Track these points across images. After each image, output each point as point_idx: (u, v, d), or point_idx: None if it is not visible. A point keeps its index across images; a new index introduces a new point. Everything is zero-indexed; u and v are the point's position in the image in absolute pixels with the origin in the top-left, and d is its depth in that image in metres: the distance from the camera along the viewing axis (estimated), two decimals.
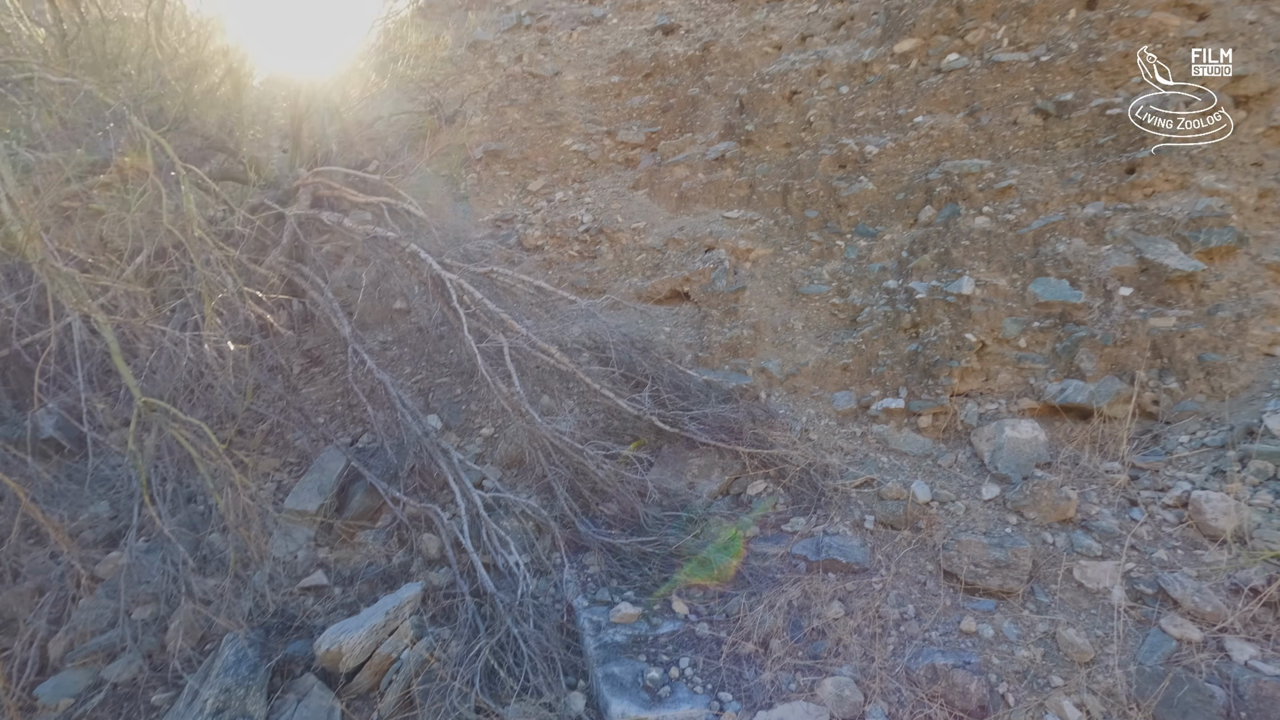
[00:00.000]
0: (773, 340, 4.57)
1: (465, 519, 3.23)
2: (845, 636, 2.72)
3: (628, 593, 3.10)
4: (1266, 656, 2.33)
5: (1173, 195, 3.98)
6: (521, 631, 2.62)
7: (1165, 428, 3.46)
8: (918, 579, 2.96)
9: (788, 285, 4.89)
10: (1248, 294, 3.59)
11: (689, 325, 4.81)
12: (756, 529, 3.40)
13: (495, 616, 2.75)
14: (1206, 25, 4.56)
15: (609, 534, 3.28)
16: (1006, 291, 3.99)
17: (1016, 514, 3.16)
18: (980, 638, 2.64)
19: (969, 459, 3.64)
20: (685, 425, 3.51)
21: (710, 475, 3.69)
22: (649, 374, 3.69)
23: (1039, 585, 2.82)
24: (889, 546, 3.13)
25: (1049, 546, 2.97)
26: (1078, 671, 2.44)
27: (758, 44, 6.71)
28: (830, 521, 3.28)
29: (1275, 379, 3.37)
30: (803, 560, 3.12)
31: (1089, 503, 3.16)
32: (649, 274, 5.27)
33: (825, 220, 5.02)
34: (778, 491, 3.55)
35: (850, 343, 4.37)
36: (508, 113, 7.17)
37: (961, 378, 3.90)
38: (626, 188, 6.28)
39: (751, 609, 2.91)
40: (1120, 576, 2.74)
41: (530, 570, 3.19)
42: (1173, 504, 3.01)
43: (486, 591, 2.91)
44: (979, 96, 4.75)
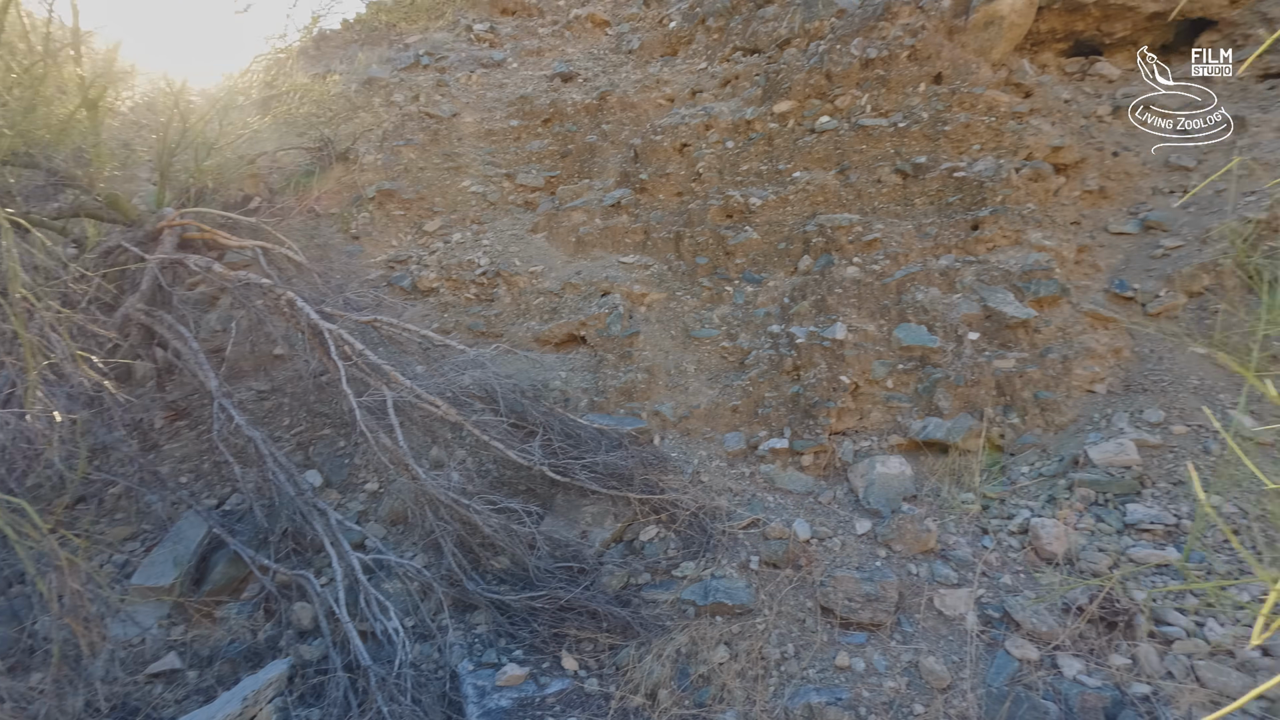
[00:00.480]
0: (667, 383, 4.69)
1: (341, 585, 3.05)
2: (729, 681, 2.77)
3: (516, 651, 3.03)
4: (1090, 670, 2.60)
5: (1009, 250, 4.49)
6: (394, 710, 2.49)
7: (1010, 459, 3.84)
8: (798, 616, 3.08)
9: (681, 329, 5.05)
10: (1071, 338, 4.08)
11: (585, 370, 4.85)
12: (648, 575, 3.43)
13: (370, 692, 2.60)
14: (1031, 102, 5.25)
15: (498, 590, 3.20)
16: (875, 336, 4.33)
17: (885, 547, 3.38)
18: (853, 672, 2.78)
19: (846, 494, 3.87)
20: (577, 474, 3.51)
21: (603, 523, 3.70)
22: (540, 423, 3.68)
23: (905, 615, 3.02)
24: (772, 586, 3.24)
25: (913, 577, 3.19)
26: (936, 698, 2.61)
27: (652, 96, 7.02)
28: (718, 564, 3.37)
29: (1096, 413, 3.84)
30: (691, 605, 3.17)
31: (948, 533, 3.43)
32: (546, 318, 5.28)
33: (715, 267, 5.26)
34: (669, 536, 3.61)
35: (739, 385, 4.55)
36: (403, 152, 7.05)
37: (838, 417, 4.16)
38: (525, 230, 6.31)
39: (640, 659, 2.91)
40: (973, 602, 2.98)
41: (412, 636, 3.05)
42: (1016, 531, 3.33)
43: (361, 664, 2.75)
44: (848, 156, 5.19)
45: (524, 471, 3.77)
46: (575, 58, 8.53)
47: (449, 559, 3.33)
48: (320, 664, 2.91)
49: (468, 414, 3.58)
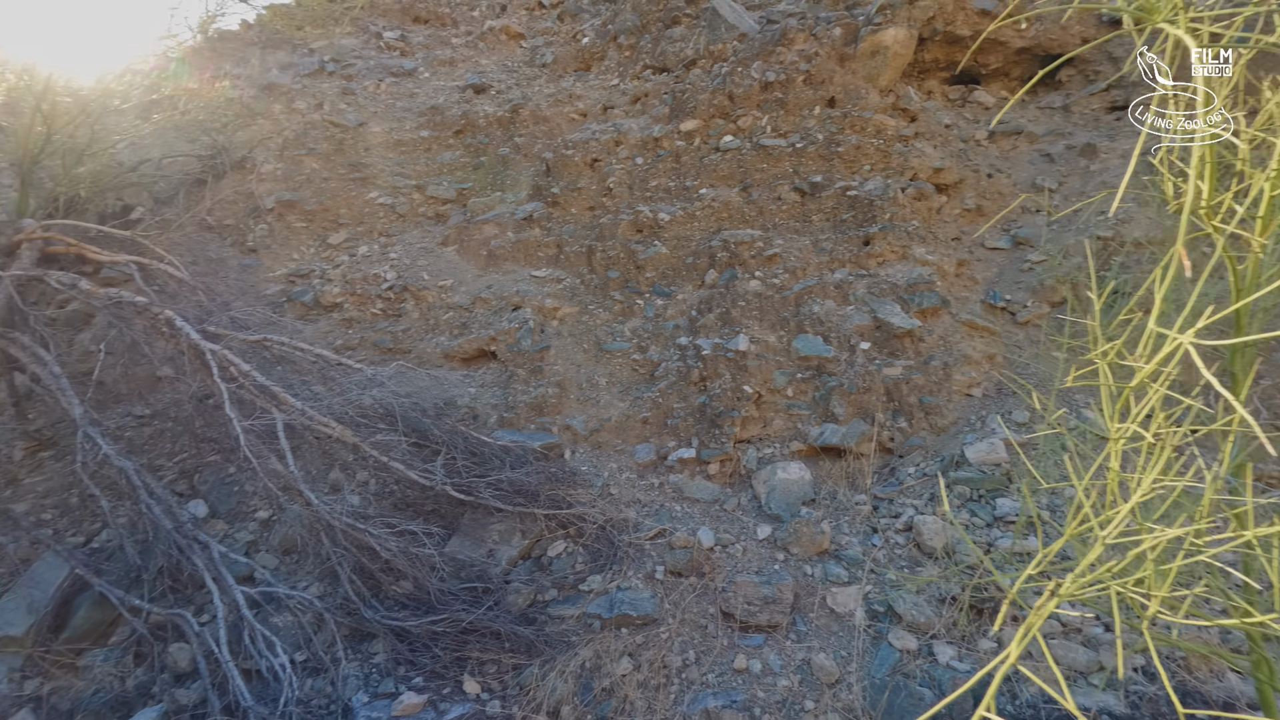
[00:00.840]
0: (578, 397, 4.71)
1: (224, 622, 2.87)
2: (631, 692, 2.81)
3: (416, 679, 2.95)
4: (961, 655, 2.81)
5: (897, 264, 4.81)
6: None
7: (899, 461, 4.09)
8: (700, 623, 3.16)
9: (593, 343, 5.09)
10: (951, 346, 4.41)
11: (495, 385, 4.80)
12: (555, 591, 3.42)
13: None
14: (916, 126, 5.65)
15: (397, 617, 3.11)
16: (775, 347, 4.51)
17: (784, 550, 3.52)
18: (750, 674, 2.87)
19: (750, 501, 4.00)
20: (481, 492, 3.47)
21: (510, 541, 3.66)
22: (443, 441, 3.61)
23: (800, 615, 3.16)
24: (676, 594, 3.31)
25: (808, 578, 3.34)
26: (825, 693, 2.74)
27: (565, 110, 7.06)
28: (625, 576, 3.40)
29: (973, 415, 4.15)
30: (597, 619, 3.19)
31: (841, 534, 3.61)
32: (456, 333, 5.19)
33: (626, 280, 5.33)
34: (577, 551, 3.62)
35: (649, 397, 4.63)
36: (305, 161, 6.76)
37: (743, 426, 4.31)
38: (435, 243, 6.19)
39: (544, 678, 2.90)
40: (861, 599, 3.15)
41: (303, 671, 2.91)
42: (902, 528, 3.55)
43: (242, 706, 2.60)
44: (750, 174, 5.41)
45: (428, 492, 3.68)
46: (489, 69, 8.46)
47: (346, 587, 3.20)
48: (198, 708, 2.73)
49: (365, 435, 3.47)
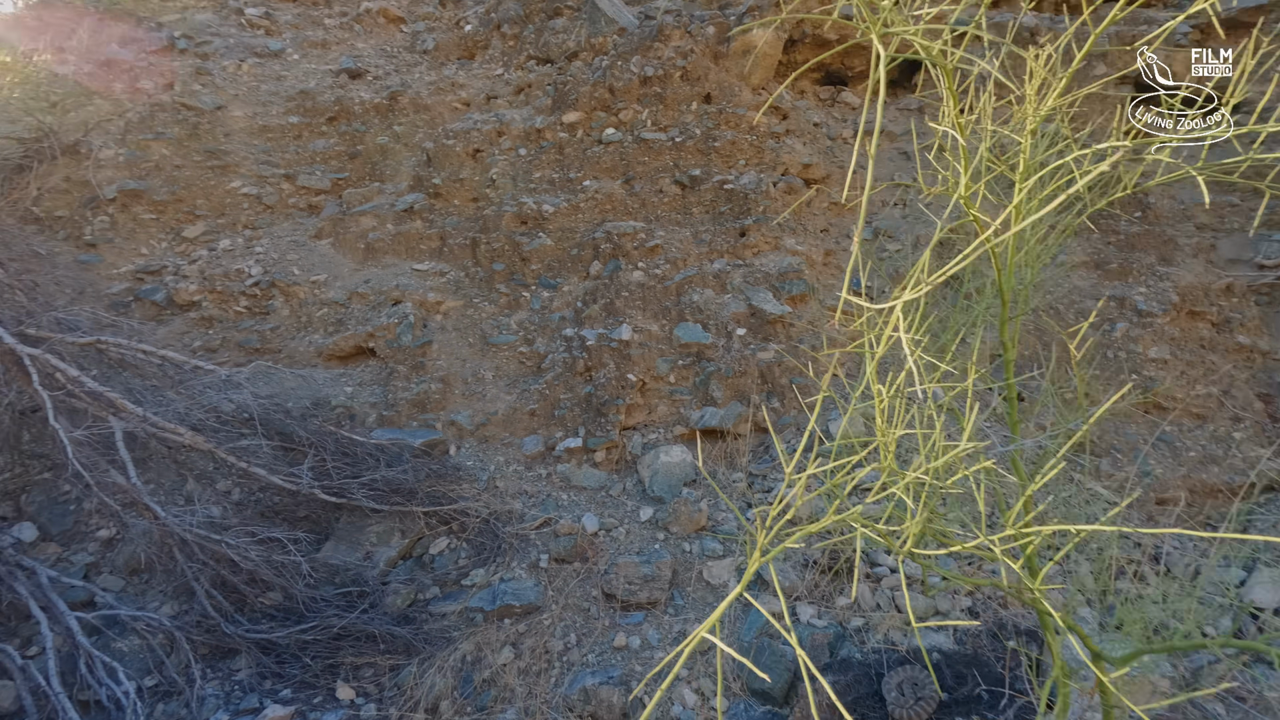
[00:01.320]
0: (463, 392, 4.63)
1: (53, 654, 2.61)
2: (511, 680, 2.83)
3: (283, 692, 2.82)
4: (820, 614, 3.05)
5: (770, 254, 5.08)
6: None
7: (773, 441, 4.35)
8: (583, 606, 3.23)
9: (479, 336, 5.01)
10: (818, 330, 4.73)
11: (374, 384, 4.62)
12: (436, 589, 3.37)
13: None
14: (787, 124, 5.97)
15: (261, 629, 2.95)
16: (658, 335, 4.65)
17: (664, 530, 3.66)
18: (629, 650, 2.98)
19: (635, 485, 4.11)
20: (354, 494, 3.35)
21: (389, 541, 3.56)
22: (311, 443, 3.45)
23: (678, 590, 3.30)
24: (560, 580, 3.36)
25: (687, 555, 3.49)
26: (699, 659, 2.89)
27: (447, 99, 6.86)
28: (508, 568, 3.41)
29: (838, 393, 4.48)
30: (479, 612, 3.18)
31: (718, 510, 3.80)
32: (331, 330, 4.95)
33: (512, 273, 5.29)
34: (460, 546, 3.58)
35: (536, 389, 4.64)
36: (153, 147, 6.16)
37: (628, 413, 4.41)
38: (308, 237, 5.84)
39: (422, 676, 2.86)
40: (735, 570, 3.34)
41: (153, 696, 2.70)
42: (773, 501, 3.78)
43: None
44: (633, 167, 5.51)
45: (296, 497, 3.51)
46: (365, 54, 8.05)
47: (203, 603, 3.00)
48: None
49: (222, 441, 3.25)
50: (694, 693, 2.74)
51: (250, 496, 3.72)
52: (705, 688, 2.76)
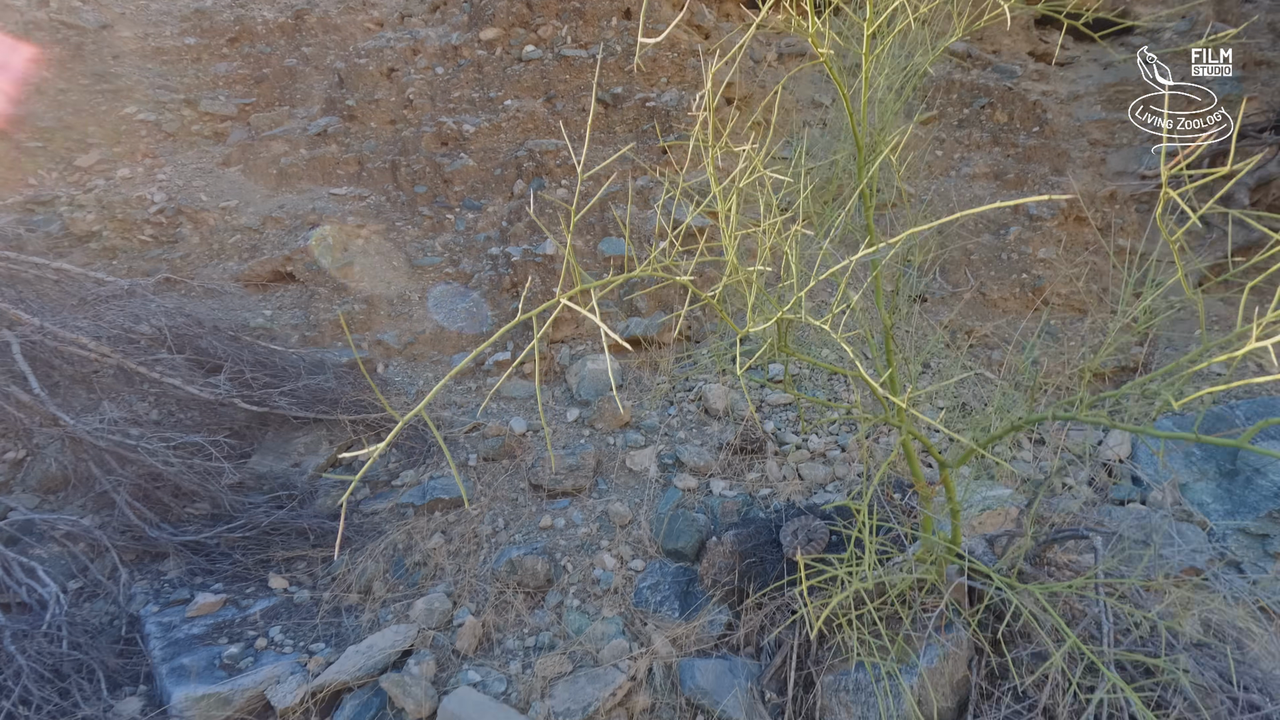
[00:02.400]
0: (389, 313, 4.62)
1: None
2: (441, 561, 2.98)
3: (215, 585, 2.89)
4: (732, 486, 3.30)
5: (691, 171, 5.17)
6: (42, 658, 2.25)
7: (695, 346, 4.55)
8: (511, 497, 3.39)
9: (404, 259, 4.97)
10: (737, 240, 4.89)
11: (295, 307, 4.56)
12: (367, 490, 3.46)
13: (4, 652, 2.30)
14: (708, 43, 5.98)
15: (190, 532, 2.99)
16: (583, 250, 4.73)
17: (590, 427, 3.83)
18: (554, 529, 3.16)
19: (563, 393, 4.26)
20: (276, 402, 3.36)
21: (318, 450, 3.61)
22: (228, 355, 3.42)
23: (601, 478, 3.49)
24: (489, 476, 3.50)
25: (610, 447, 3.68)
26: (619, 532, 3.11)
27: (358, 18, 6.54)
28: (438, 468, 3.52)
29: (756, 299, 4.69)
30: (410, 507, 3.30)
31: (642, 409, 3.99)
32: (246, 256, 4.81)
33: (435, 195, 5.22)
34: (390, 452, 3.66)
35: (464, 307, 4.67)
36: (31, 69, 5.68)
37: (556, 327, 4.51)
38: (215, 164, 5.57)
39: (355, 562, 2.98)
40: (655, 457, 3.55)
41: (79, 596, 2.74)
42: (694, 399, 4.00)
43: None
44: (554, 85, 5.44)
45: (218, 411, 3.49)
46: None
47: (125, 512, 3.00)
48: None
49: (132, 354, 3.19)
50: (613, 558, 2.96)
51: (169, 416, 3.68)
52: (624, 553, 2.98)
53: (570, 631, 2.62)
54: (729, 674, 2.42)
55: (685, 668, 2.44)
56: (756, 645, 2.54)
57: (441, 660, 2.51)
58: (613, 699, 2.27)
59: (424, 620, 2.66)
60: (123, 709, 2.24)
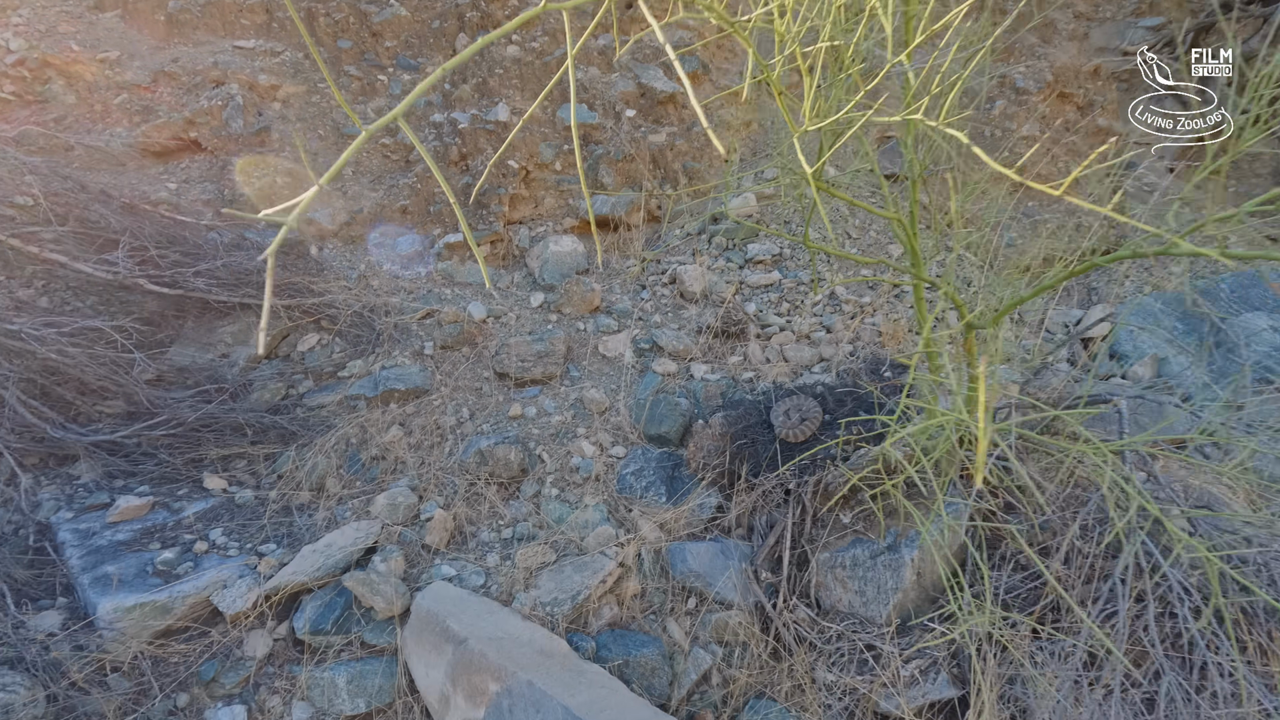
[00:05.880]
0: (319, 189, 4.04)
1: None
2: (402, 454, 2.72)
3: (140, 487, 2.55)
4: (713, 369, 3.10)
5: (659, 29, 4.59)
6: None
7: (666, 227, 4.21)
8: (475, 386, 3.10)
9: (330, 127, 4.32)
10: (711, 112, 4.45)
11: (204, 180, 3.92)
12: (310, 382, 3.10)
13: None
14: None
15: (102, 431, 2.60)
16: (539, 118, 4.20)
17: (557, 312, 3.52)
18: (525, 418, 2.92)
19: (524, 278, 3.89)
20: (191, 284, 2.89)
21: (248, 340, 3.19)
22: (124, 228, 2.88)
23: (573, 365, 3.23)
24: (448, 365, 3.19)
25: (581, 332, 3.40)
26: (596, 419, 2.90)
27: None
28: (389, 357, 3.18)
29: (730, 178, 4.33)
30: (361, 399, 2.97)
31: (613, 294, 3.69)
32: (138, 119, 4.06)
33: (363, 52, 4.49)
34: (334, 342, 3.27)
35: (406, 183, 4.13)
36: None
37: (512, 205, 4.06)
38: (86, 8, 4.60)
39: (303, 458, 2.68)
40: (630, 341, 3.30)
41: None
42: (667, 281, 3.71)
43: None
44: None
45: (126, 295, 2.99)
46: None
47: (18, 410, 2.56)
48: None
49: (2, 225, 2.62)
50: (592, 445, 2.76)
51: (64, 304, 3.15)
52: (603, 440, 2.79)
53: (551, 521, 2.44)
54: (721, 556, 2.31)
55: (675, 552, 2.32)
56: (748, 527, 2.43)
57: (411, 556, 2.30)
58: (602, 586, 2.13)
59: (387, 515, 2.42)
60: (38, 624, 1.95)
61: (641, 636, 2.10)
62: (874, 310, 3.38)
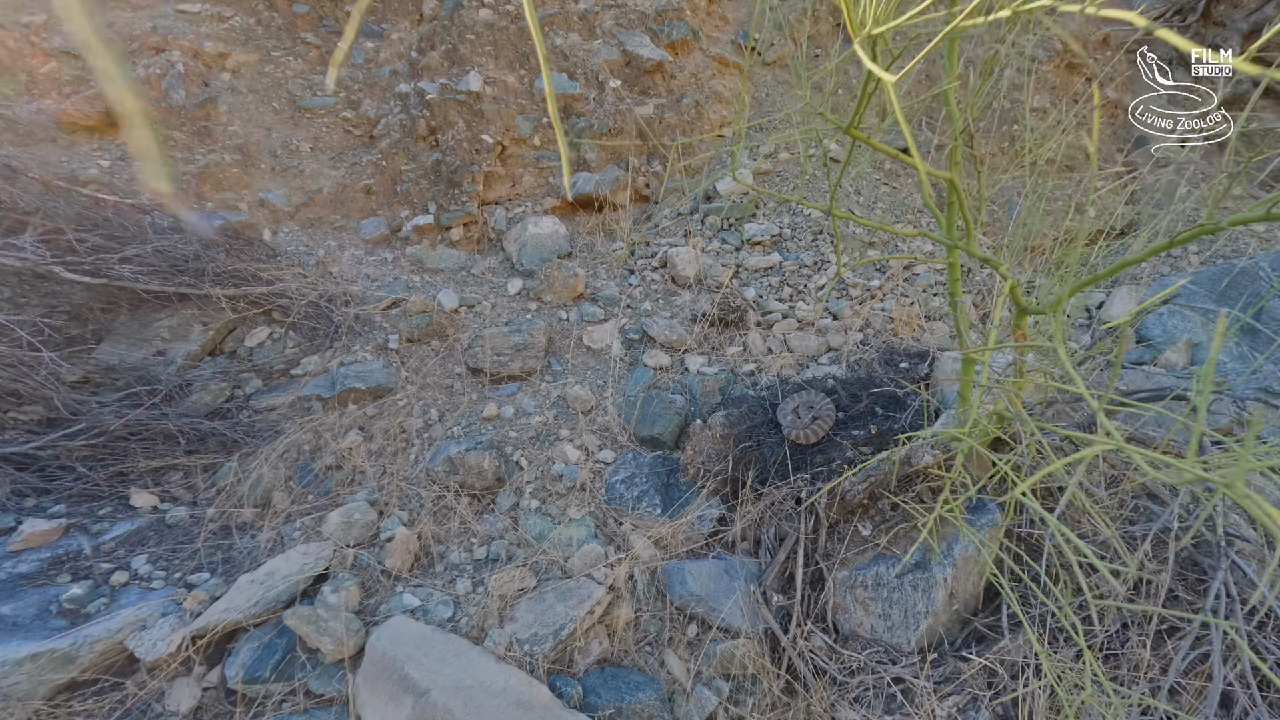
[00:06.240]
0: (272, 166, 3.68)
1: None
2: (362, 462, 2.39)
3: (54, 507, 2.21)
4: (710, 362, 2.81)
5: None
6: None
7: (655, 207, 3.88)
8: (445, 384, 2.78)
9: (285, 99, 3.93)
10: (702, 83, 4.12)
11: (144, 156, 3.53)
12: (259, 382, 2.76)
13: None
14: None
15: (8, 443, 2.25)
16: (515, 88, 3.84)
17: (537, 300, 3.20)
18: (501, 419, 2.61)
19: (501, 263, 3.56)
20: (115, 272, 2.53)
21: (188, 335, 2.83)
22: (35, 207, 2.51)
23: (555, 358, 2.92)
24: (415, 360, 2.86)
25: (563, 323, 3.08)
26: (581, 420, 2.59)
27: None
28: (349, 351, 2.84)
29: (725, 154, 4.02)
30: (316, 400, 2.64)
31: (598, 279, 3.37)
32: (68, 90, 3.65)
33: (320, 17, 4.10)
34: (286, 336, 2.93)
35: (370, 160, 3.77)
36: None
37: (487, 184, 3.72)
38: None
39: (247, 470, 2.35)
40: (618, 332, 2.99)
41: None
42: (658, 265, 3.40)
43: None
44: None
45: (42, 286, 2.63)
46: None
47: None
48: None
49: None
50: (577, 449, 2.45)
51: None
52: (589, 444, 2.48)
53: (530, 538, 2.14)
54: (725, 575, 2.03)
55: (673, 572, 2.03)
56: (755, 541, 2.14)
57: (368, 583, 1.99)
58: (590, 617, 1.84)
59: (341, 535, 2.10)
60: None
61: (636, 676, 1.81)
62: (884, 294, 3.09)
